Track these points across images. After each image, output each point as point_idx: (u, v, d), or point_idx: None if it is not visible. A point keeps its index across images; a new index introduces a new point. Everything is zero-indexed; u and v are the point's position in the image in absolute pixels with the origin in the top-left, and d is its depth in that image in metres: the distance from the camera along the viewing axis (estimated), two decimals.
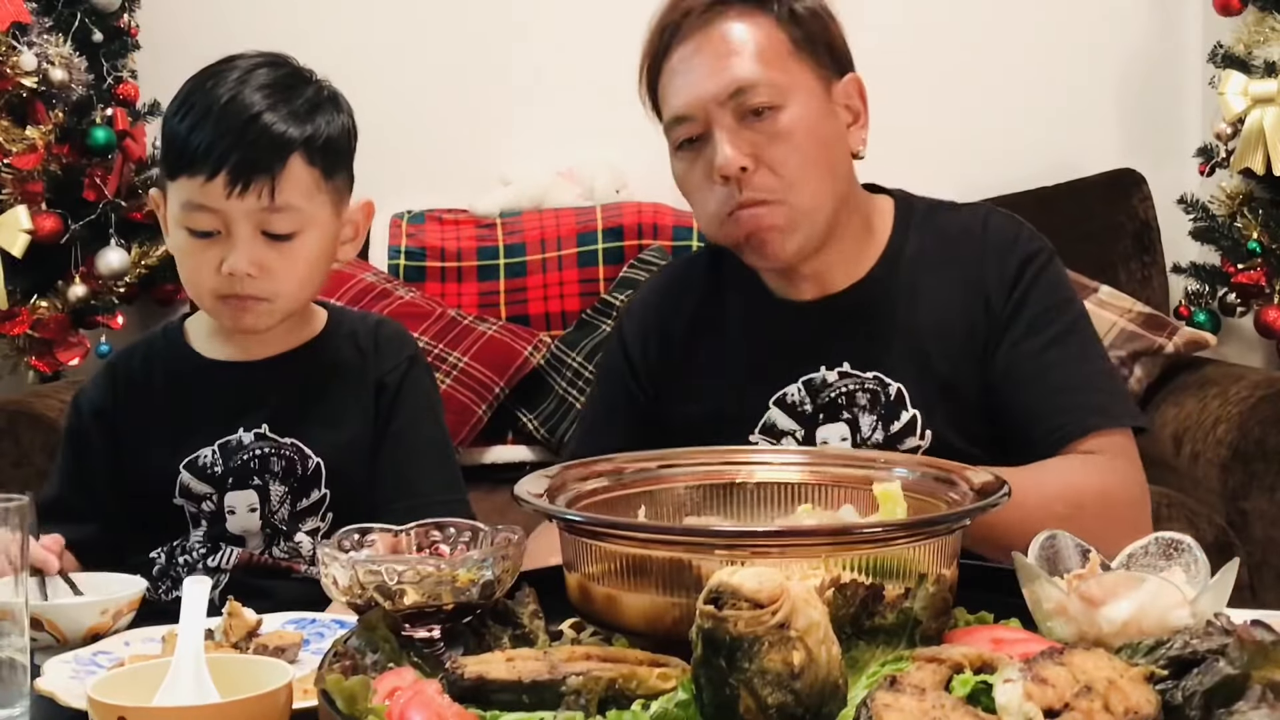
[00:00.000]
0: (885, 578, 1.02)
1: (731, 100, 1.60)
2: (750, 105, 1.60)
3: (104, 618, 1.31)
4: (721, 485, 1.26)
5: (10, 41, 3.10)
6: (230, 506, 1.63)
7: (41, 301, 3.21)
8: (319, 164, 1.58)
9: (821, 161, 1.63)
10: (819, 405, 1.66)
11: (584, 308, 3.27)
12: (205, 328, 1.70)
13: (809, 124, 1.63)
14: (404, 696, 0.91)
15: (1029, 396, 1.62)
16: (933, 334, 1.65)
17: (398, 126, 3.47)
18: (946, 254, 1.69)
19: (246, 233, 1.55)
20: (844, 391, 1.65)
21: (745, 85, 1.61)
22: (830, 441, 1.64)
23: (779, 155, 1.60)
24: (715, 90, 1.61)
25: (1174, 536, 1.10)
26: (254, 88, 1.57)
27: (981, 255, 1.68)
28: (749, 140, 1.60)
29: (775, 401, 1.67)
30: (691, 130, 1.64)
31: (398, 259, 3.31)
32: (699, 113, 1.62)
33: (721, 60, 1.62)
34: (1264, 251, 3.17)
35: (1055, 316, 1.65)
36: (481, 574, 1.07)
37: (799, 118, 1.62)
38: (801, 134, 1.62)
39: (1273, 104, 3.13)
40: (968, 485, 1.16)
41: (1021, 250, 1.68)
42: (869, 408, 1.64)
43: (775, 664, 0.85)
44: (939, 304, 1.66)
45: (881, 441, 1.63)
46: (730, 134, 1.60)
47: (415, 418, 1.68)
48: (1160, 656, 0.90)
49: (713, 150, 1.61)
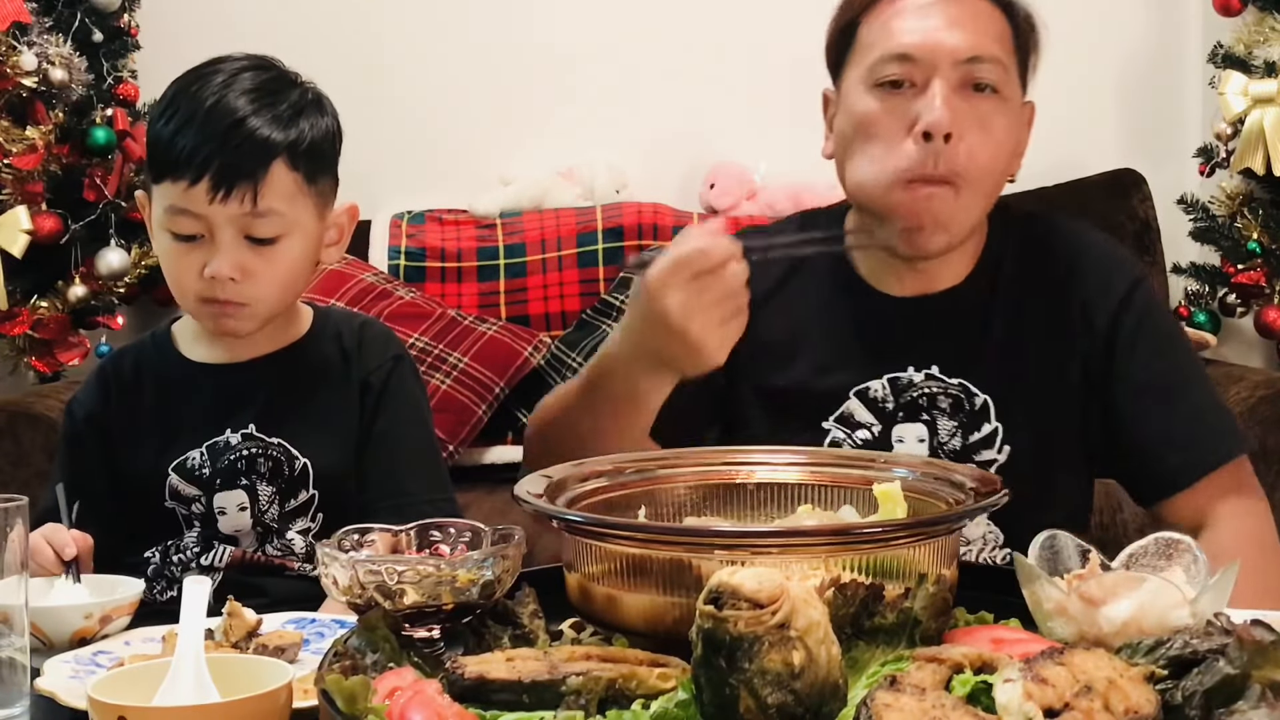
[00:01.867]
0: (885, 578, 1.02)
1: (965, 64, 1.56)
2: (978, 78, 1.56)
3: (89, 622, 1.31)
4: (721, 485, 1.26)
5: (10, 41, 3.10)
6: (220, 507, 1.64)
7: (41, 302, 3.21)
8: (302, 169, 1.58)
9: (1000, 170, 1.61)
10: (901, 404, 1.62)
11: (584, 308, 3.27)
12: (191, 330, 1.71)
13: (1009, 125, 1.60)
14: (404, 696, 0.91)
15: (1161, 422, 1.60)
16: (1028, 349, 1.62)
17: (398, 126, 3.47)
18: (1047, 267, 1.65)
19: (229, 237, 1.55)
20: (926, 393, 1.62)
21: (984, 56, 1.57)
22: (906, 441, 1.61)
23: (981, 139, 1.56)
24: (954, 46, 1.56)
25: (1174, 536, 1.10)
26: (238, 92, 1.57)
27: (1084, 271, 1.64)
28: (962, 110, 1.55)
29: (856, 393, 1.63)
30: (908, 73, 1.57)
31: (398, 259, 3.31)
32: (927, 59, 1.56)
33: (964, 22, 1.58)
34: (1264, 252, 3.17)
35: (1175, 341, 1.66)
36: (481, 574, 1.07)
37: (1007, 113, 1.60)
38: (1003, 131, 1.59)
39: (1273, 104, 3.13)
40: (968, 485, 1.15)
41: (1131, 272, 1.65)
42: (950, 412, 1.61)
43: (775, 664, 0.85)
44: (1037, 318, 1.63)
45: (958, 449, 1.60)
46: (949, 95, 1.55)
47: (400, 417, 1.68)
48: (1160, 656, 0.90)
49: (922, 104, 1.55)
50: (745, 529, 1.17)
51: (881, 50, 1.59)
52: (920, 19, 1.58)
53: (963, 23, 1.58)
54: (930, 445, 1.61)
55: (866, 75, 1.60)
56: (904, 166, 1.56)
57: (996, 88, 1.58)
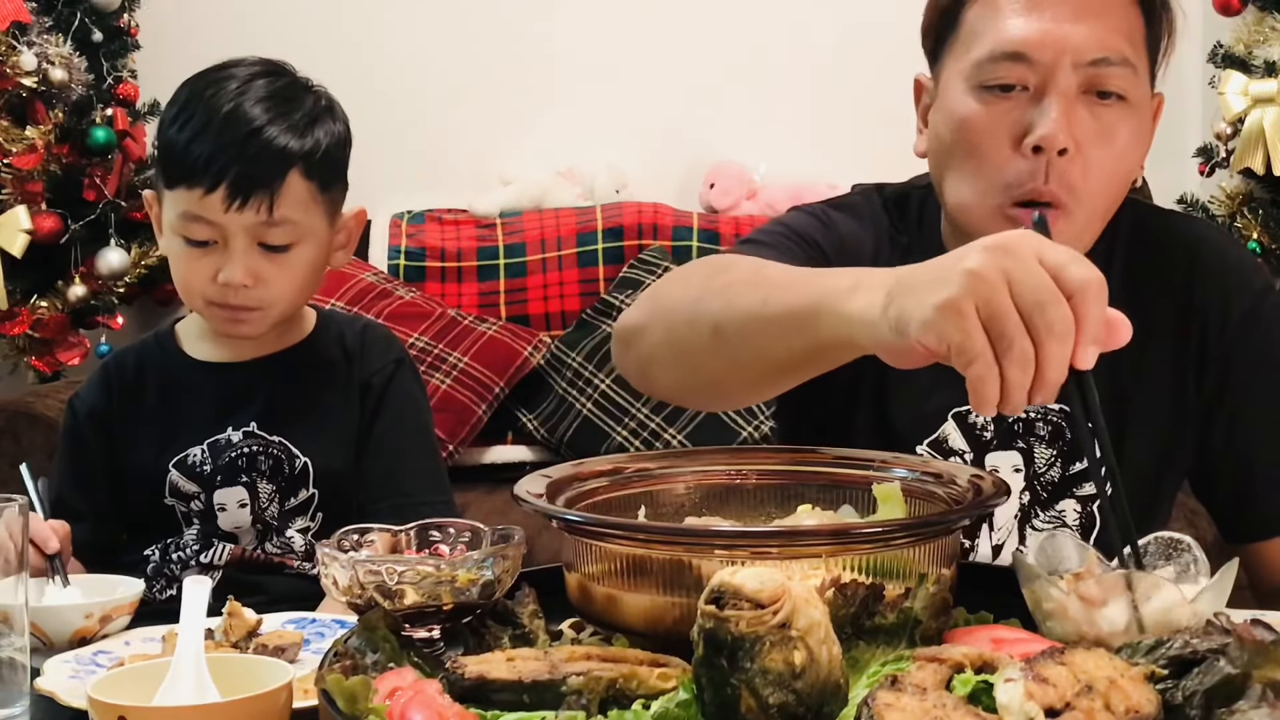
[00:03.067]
0: (885, 578, 1.02)
1: (1089, 67, 1.34)
2: (1103, 83, 1.35)
3: (89, 621, 1.31)
4: (721, 485, 1.26)
5: (10, 41, 3.10)
6: (220, 504, 1.64)
7: (41, 301, 3.21)
8: (316, 177, 1.59)
9: (1121, 184, 1.39)
10: (999, 430, 1.46)
11: (584, 308, 3.27)
12: (195, 330, 1.71)
13: (1138, 133, 1.38)
14: (404, 696, 0.91)
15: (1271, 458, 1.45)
16: (1134, 367, 1.43)
17: (398, 126, 3.48)
18: (1159, 274, 1.46)
19: (243, 245, 1.56)
20: (1024, 419, 1.45)
21: (1113, 56, 1.34)
22: (1000, 470, 1.45)
23: (1101, 154, 1.35)
24: (1078, 44, 1.33)
25: (1174, 536, 1.10)
26: (253, 99, 1.57)
27: (1197, 278, 1.46)
28: (1082, 120, 1.34)
29: (955, 415, 1.47)
30: (1019, 76, 1.35)
31: (398, 259, 3.32)
32: (1044, 59, 1.34)
33: (1089, 16, 1.34)
34: (1264, 252, 3.17)
35: None
36: (481, 574, 1.07)
37: (1136, 121, 1.37)
38: (1128, 142, 1.37)
39: (1273, 104, 3.13)
40: (967, 485, 1.15)
41: (1254, 282, 1.47)
42: (1048, 439, 1.45)
43: (776, 664, 0.85)
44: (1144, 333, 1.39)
45: (1056, 481, 1.46)
46: (1068, 103, 1.33)
47: (400, 419, 1.69)
48: (1160, 656, 0.90)
49: (1035, 112, 1.34)
50: (745, 529, 1.17)
51: (991, 45, 1.36)
52: (1037, 10, 1.35)
53: (1090, 13, 1.34)
54: (1026, 475, 1.46)
55: (972, 72, 1.38)
56: (1009, 183, 1.35)
57: (1124, 94, 1.36)
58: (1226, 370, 1.45)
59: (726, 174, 3.52)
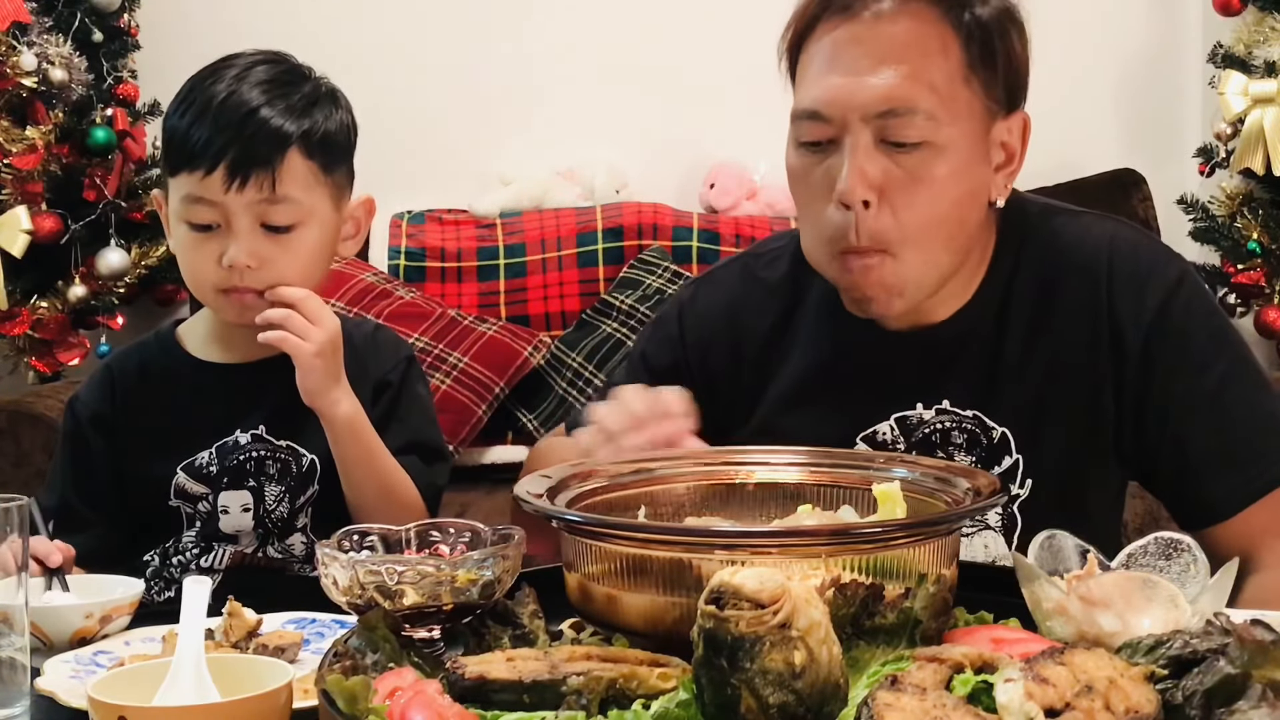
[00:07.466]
0: (885, 578, 1.02)
1: (878, 120, 1.37)
2: (895, 134, 1.37)
3: (89, 621, 1.31)
4: (721, 485, 1.26)
5: (10, 41, 3.10)
6: (224, 506, 1.64)
7: (41, 302, 3.21)
8: (317, 158, 1.59)
9: (953, 219, 1.41)
10: (912, 443, 1.49)
11: (584, 308, 3.27)
12: (201, 331, 1.70)
13: (955, 170, 1.39)
14: (404, 696, 0.91)
15: (1211, 441, 1.44)
16: (1048, 374, 1.46)
17: (398, 126, 3.47)
18: (1066, 278, 1.48)
19: (246, 225, 1.56)
20: (940, 429, 1.48)
21: (900, 108, 1.37)
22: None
23: (908, 199, 1.38)
24: (864, 101, 1.37)
25: (1174, 536, 1.10)
26: (252, 84, 1.58)
27: (1110, 282, 1.47)
28: (882, 168, 1.37)
29: (864, 438, 1.50)
30: (820, 133, 1.40)
31: (398, 259, 3.32)
32: (836, 117, 1.38)
33: (881, 63, 1.37)
34: (1264, 252, 3.17)
35: (1221, 349, 1.46)
36: (481, 574, 1.07)
37: (947, 161, 1.39)
38: (942, 181, 1.38)
39: (1273, 104, 3.13)
40: (967, 485, 1.15)
41: (1168, 273, 1.47)
42: (965, 447, 1.48)
43: (777, 664, 0.85)
44: (1056, 339, 1.47)
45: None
46: (863, 157, 1.37)
47: (413, 413, 1.70)
48: (1160, 656, 0.90)
49: (838, 165, 1.38)
50: (745, 529, 1.17)
51: (796, 103, 1.43)
52: (831, 66, 1.39)
53: (879, 61, 1.37)
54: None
55: (791, 127, 1.44)
56: (828, 237, 1.41)
57: (925, 141, 1.37)
58: (1149, 366, 1.46)
59: (726, 174, 3.52)
